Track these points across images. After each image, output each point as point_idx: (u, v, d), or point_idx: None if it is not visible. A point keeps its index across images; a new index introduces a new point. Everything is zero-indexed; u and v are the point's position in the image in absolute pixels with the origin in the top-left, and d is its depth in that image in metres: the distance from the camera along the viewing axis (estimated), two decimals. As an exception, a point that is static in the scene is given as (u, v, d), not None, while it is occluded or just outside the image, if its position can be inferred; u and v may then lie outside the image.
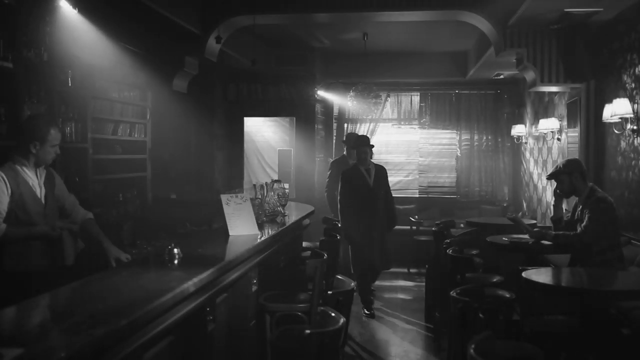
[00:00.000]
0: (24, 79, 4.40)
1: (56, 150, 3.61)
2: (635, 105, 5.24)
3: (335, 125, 10.76)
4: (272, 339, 3.36)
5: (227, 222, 3.95)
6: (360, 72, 9.30)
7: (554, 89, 7.04)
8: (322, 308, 3.50)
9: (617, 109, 5.29)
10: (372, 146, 6.56)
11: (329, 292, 4.13)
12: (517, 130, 9.46)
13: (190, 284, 2.62)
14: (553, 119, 7.61)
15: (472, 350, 2.16)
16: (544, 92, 8.08)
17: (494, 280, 4.74)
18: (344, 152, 7.91)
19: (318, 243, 4.99)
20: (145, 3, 5.29)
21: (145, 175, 6.98)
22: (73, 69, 5.36)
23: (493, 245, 5.17)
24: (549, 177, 4.78)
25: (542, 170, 8.45)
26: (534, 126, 8.87)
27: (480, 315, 3.33)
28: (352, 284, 4.45)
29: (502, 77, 9.57)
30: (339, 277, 4.70)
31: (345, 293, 4.23)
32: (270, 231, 4.17)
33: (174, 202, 7.22)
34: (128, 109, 6.63)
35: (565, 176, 4.52)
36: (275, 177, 7.47)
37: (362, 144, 6.47)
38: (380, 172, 6.55)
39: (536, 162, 8.84)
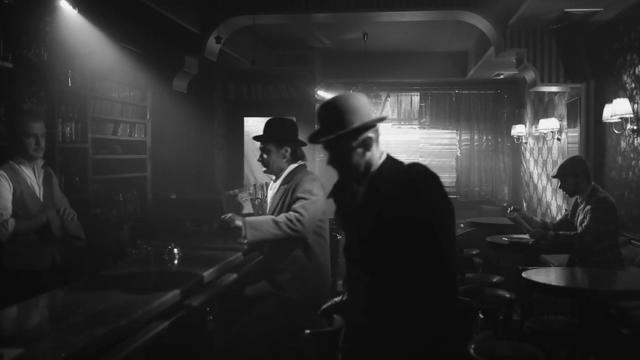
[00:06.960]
0: (24, 79, 4.40)
1: (37, 141, 3.45)
2: (635, 105, 5.24)
3: (335, 125, 10.75)
4: (272, 339, 3.36)
5: (227, 222, 3.93)
6: (360, 72, 9.29)
7: (554, 89, 7.03)
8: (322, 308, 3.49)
9: (617, 109, 5.28)
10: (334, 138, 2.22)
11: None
12: (517, 130, 9.46)
13: (190, 284, 2.62)
14: (553, 119, 7.61)
15: (472, 350, 2.16)
16: (544, 92, 8.08)
17: (494, 280, 4.73)
18: None
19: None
20: (145, 3, 5.28)
21: (145, 175, 6.98)
22: (73, 69, 5.35)
23: (493, 245, 5.16)
24: (554, 177, 4.76)
25: (542, 170, 8.45)
26: (534, 126, 8.87)
27: (480, 315, 3.33)
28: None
29: (502, 77, 9.57)
30: (339, 277, 4.69)
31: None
32: (270, 231, 4.15)
33: (174, 202, 7.21)
34: (128, 109, 6.62)
35: (571, 177, 4.51)
36: (275, 177, 7.45)
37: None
38: (374, 192, 2.10)
39: (536, 162, 8.84)
